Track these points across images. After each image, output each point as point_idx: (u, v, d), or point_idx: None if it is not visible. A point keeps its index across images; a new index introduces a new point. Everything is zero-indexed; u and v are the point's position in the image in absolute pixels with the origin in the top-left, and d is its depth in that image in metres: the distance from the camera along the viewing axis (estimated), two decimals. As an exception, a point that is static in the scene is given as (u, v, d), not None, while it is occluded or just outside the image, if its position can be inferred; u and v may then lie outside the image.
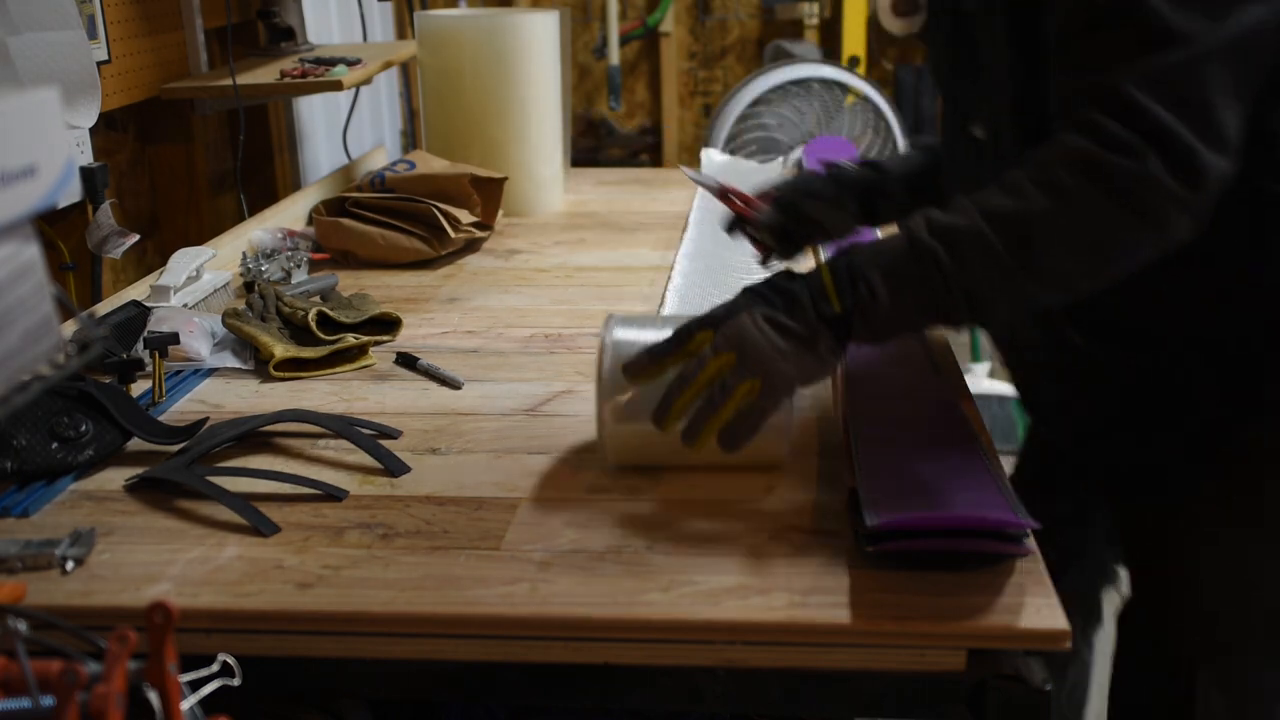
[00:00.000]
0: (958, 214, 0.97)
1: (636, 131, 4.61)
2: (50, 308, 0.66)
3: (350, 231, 1.83)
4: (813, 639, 0.85)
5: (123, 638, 0.63)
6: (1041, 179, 0.95)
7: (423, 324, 1.55)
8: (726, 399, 0.96)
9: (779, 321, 0.97)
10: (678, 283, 1.65)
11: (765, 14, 4.48)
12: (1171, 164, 0.92)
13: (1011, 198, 0.95)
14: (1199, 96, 0.93)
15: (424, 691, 0.95)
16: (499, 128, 2.11)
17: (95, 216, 1.68)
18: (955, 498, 0.95)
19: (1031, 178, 0.95)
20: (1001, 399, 3.37)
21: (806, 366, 0.98)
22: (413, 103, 3.31)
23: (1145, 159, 0.92)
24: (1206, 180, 0.93)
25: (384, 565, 0.94)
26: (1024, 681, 0.83)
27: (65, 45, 1.58)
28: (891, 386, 1.20)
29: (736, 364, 0.96)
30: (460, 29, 2.11)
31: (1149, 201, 0.93)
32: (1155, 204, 0.93)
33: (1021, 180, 0.95)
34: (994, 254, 0.94)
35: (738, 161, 2.56)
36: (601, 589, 0.90)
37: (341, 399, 1.30)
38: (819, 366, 0.99)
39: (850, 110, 3.60)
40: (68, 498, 1.07)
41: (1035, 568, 0.90)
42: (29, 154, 0.63)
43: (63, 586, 0.92)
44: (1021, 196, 0.95)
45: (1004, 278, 0.95)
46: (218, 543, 0.98)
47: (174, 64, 2.04)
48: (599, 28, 4.38)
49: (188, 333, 1.39)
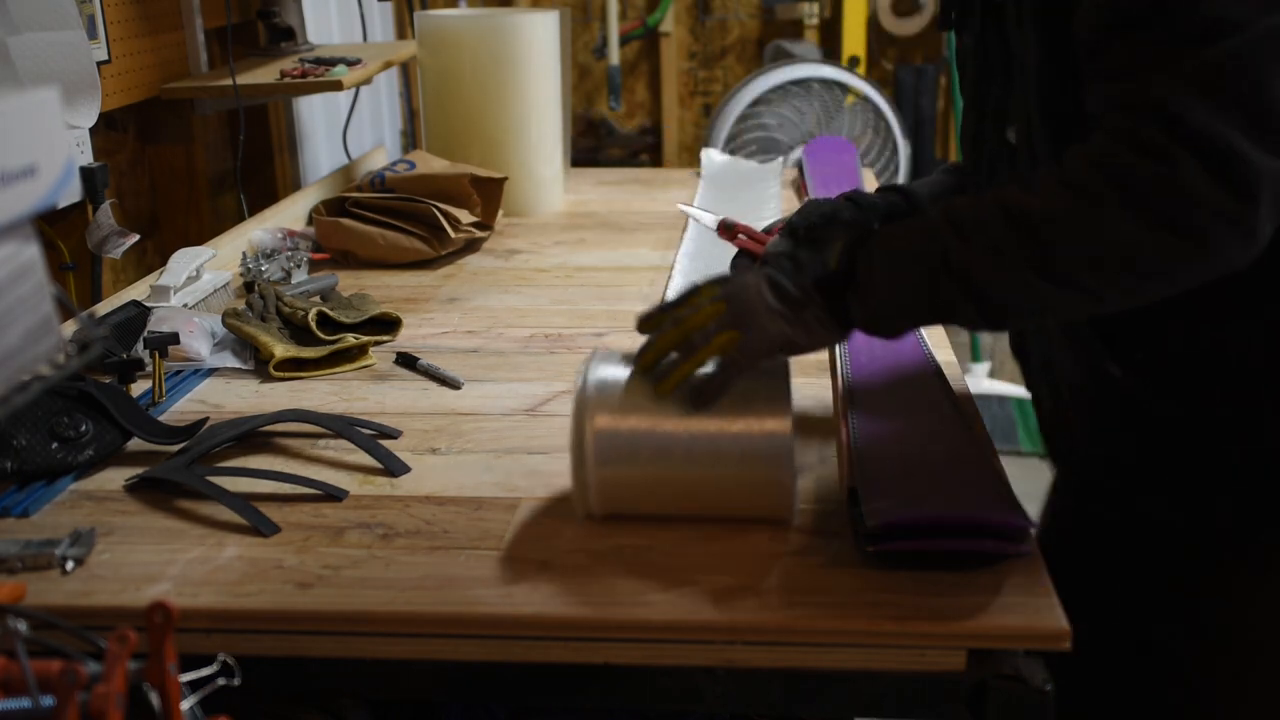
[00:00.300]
0: (975, 203, 0.91)
1: (636, 131, 4.61)
2: (50, 308, 0.66)
3: (350, 231, 1.83)
4: (813, 639, 0.85)
5: (123, 638, 0.63)
6: (1066, 178, 0.86)
7: (423, 324, 1.55)
8: (704, 344, 0.94)
9: (778, 282, 0.95)
10: (678, 282, 1.65)
11: (765, 14, 4.48)
12: (1214, 171, 0.80)
13: (1030, 193, 0.88)
14: (1252, 92, 0.80)
15: (424, 691, 0.95)
16: (499, 128, 2.11)
17: (95, 216, 1.68)
18: (955, 497, 0.95)
19: (1058, 177, 0.87)
20: (1001, 399, 3.37)
21: (792, 331, 0.95)
22: (413, 103, 3.31)
23: (1179, 166, 0.80)
24: (1259, 189, 0.80)
25: (384, 565, 0.94)
26: (1024, 681, 0.83)
27: (65, 45, 1.58)
28: (891, 386, 1.20)
29: (725, 313, 0.95)
30: (460, 29, 2.11)
31: (1181, 215, 0.82)
32: (1190, 218, 0.82)
33: (1047, 178, 0.88)
34: (1000, 242, 0.87)
35: (738, 161, 2.56)
36: (601, 589, 0.89)
37: (341, 399, 1.30)
38: (805, 334, 0.95)
39: (850, 110, 3.60)
40: (68, 498, 1.07)
41: (1035, 568, 0.90)
42: (29, 154, 0.63)
43: (63, 586, 0.92)
44: (1041, 193, 0.87)
45: (1009, 269, 0.87)
46: (218, 543, 0.98)
47: (174, 64, 2.04)
48: (599, 28, 4.38)
49: (188, 333, 1.39)
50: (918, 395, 1.18)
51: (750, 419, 0.95)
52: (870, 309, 0.94)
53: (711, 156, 2.51)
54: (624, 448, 0.95)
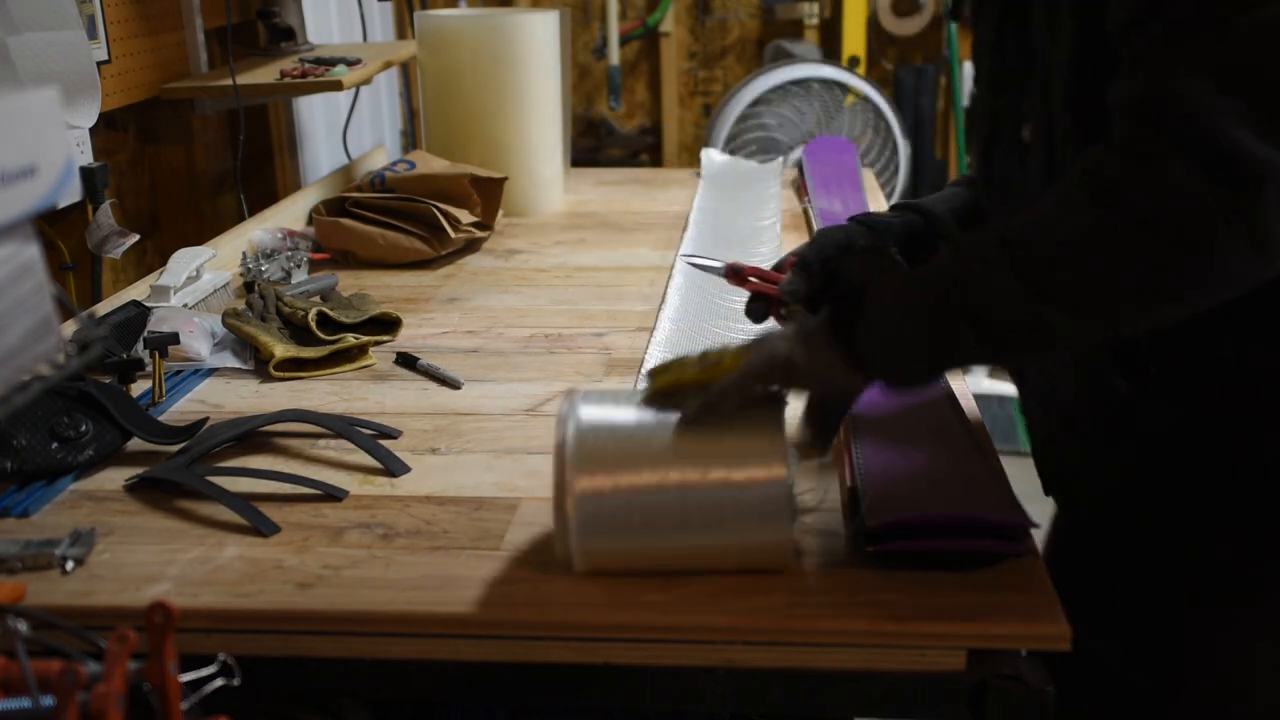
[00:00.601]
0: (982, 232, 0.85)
1: (636, 131, 4.61)
2: (50, 308, 0.66)
3: (350, 231, 1.83)
4: (813, 639, 0.85)
5: (123, 638, 0.63)
6: (1064, 195, 0.80)
7: (423, 324, 1.55)
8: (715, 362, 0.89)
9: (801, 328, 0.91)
10: (678, 282, 1.65)
11: (765, 14, 4.48)
12: (1206, 164, 0.73)
13: (1034, 215, 0.82)
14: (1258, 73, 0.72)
15: (424, 691, 0.95)
16: (499, 128, 2.11)
17: (95, 216, 1.68)
18: (955, 497, 0.95)
19: (1059, 193, 0.81)
20: (1001, 399, 3.37)
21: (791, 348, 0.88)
22: (413, 103, 3.31)
23: (1165, 165, 0.74)
24: (1263, 179, 0.72)
25: (384, 565, 0.94)
26: (1024, 682, 0.83)
27: (65, 45, 1.58)
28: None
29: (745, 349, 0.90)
30: (460, 29, 2.11)
31: (1173, 218, 0.75)
32: (1184, 221, 0.74)
33: (1052, 195, 0.82)
34: (999, 270, 0.80)
35: (738, 161, 2.56)
36: (601, 589, 0.89)
37: (341, 399, 1.30)
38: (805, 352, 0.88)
39: (850, 110, 3.60)
40: (68, 498, 1.07)
41: (1035, 568, 0.90)
42: (29, 154, 0.63)
43: (63, 586, 0.92)
44: (1044, 213, 0.81)
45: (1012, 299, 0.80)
46: (218, 543, 0.98)
47: (174, 64, 2.04)
48: (599, 28, 4.38)
49: (188, 333, 1.39)
50: (920, 396, 1.18)
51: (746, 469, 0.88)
52: (874, 340, 0.86)
53: (711, 157, 2.51)
54: (609, 518, 0.88)
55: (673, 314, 1.53)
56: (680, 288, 1.62)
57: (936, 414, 1.13)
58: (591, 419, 0.90)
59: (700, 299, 1.57)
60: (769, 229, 1.94)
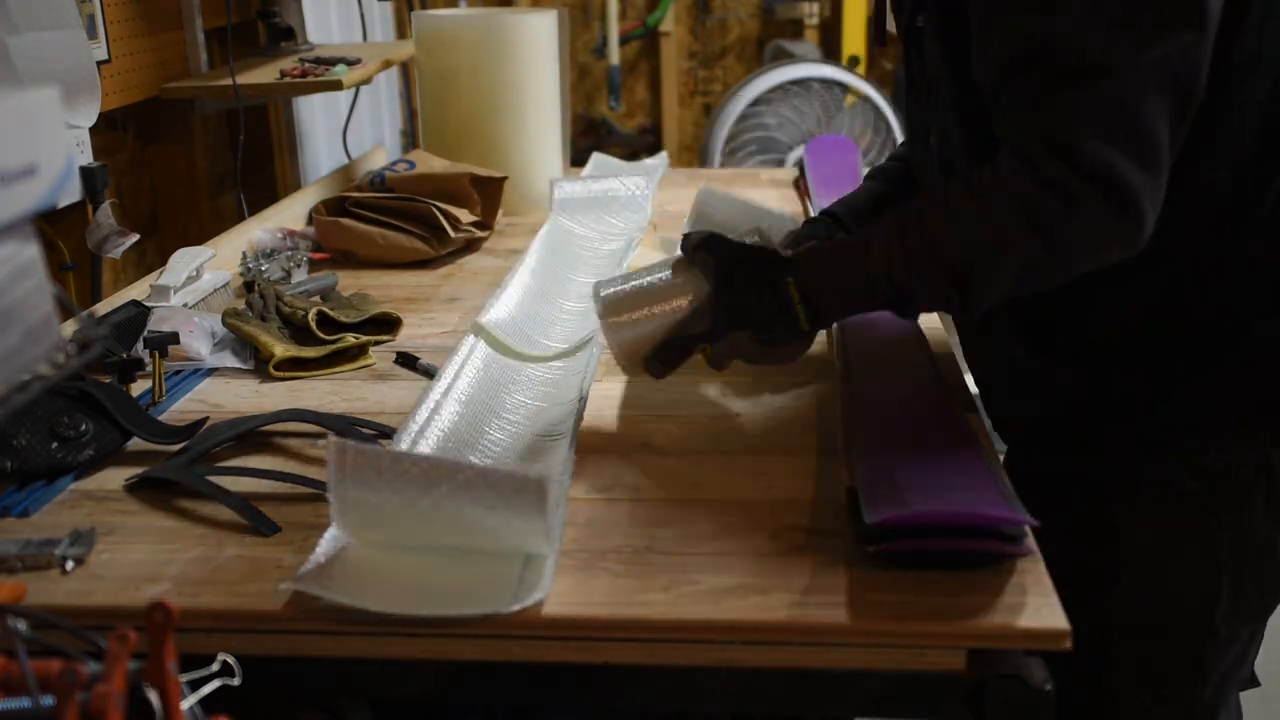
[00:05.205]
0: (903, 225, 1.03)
1: (636, 131, 4.61)
2: (50, 308, 0.65)
3: (350, 231, 1.83)
4: (813, 639, 0.85)
5: (123, 638, 0.63)
6: (985, 214, 0.99)
7: (423, 324, 1.55)
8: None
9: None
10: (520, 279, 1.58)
11: (765, 14, 4.48)
12: (1114, 203, 0.94)
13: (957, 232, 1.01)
14: (1137, 127, 0.93)
15: (424, 691, 0.95)
16: (498, 128, 2.11)
17: (95, 216, 1.68)
18: (954, 496, 0.95)
19: (978, 212, 0.99)
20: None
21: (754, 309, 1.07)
22: (413, 103, 3.31)
23: (1083, 203, 0.94)
24: (1146, 213, 0.95)
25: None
26: (1024, 681, 0.83)
27: (65, 45, 1.58)
28: (890, 386, 1.20)
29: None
30: (459, 29, 2.11)
31: (1086, 243, 0.97)
32: (1094, 244, 0.97)
33: (970, 213, 1.00)
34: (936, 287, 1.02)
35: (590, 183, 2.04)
36: (601, 589, 0.89)
37: (341, 399, 1.30)
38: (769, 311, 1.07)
39: (850, 110, 3.60)
40: (68, 498, 1.07)
41: (1035, 568, 0.90)
42: (29, 154, 0.63)
43: (63, 586, 0.92)
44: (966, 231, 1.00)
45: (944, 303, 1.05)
46: (218, 543, 0.98)
47: (174, 64, 2.05)
48: (599, 27, 4.38)
49: (188, 333, 1.39)
50: (919, 396, 1.18)
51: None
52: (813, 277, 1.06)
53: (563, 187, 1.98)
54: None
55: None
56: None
57: (935, 413, 1.13)
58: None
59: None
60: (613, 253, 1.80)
